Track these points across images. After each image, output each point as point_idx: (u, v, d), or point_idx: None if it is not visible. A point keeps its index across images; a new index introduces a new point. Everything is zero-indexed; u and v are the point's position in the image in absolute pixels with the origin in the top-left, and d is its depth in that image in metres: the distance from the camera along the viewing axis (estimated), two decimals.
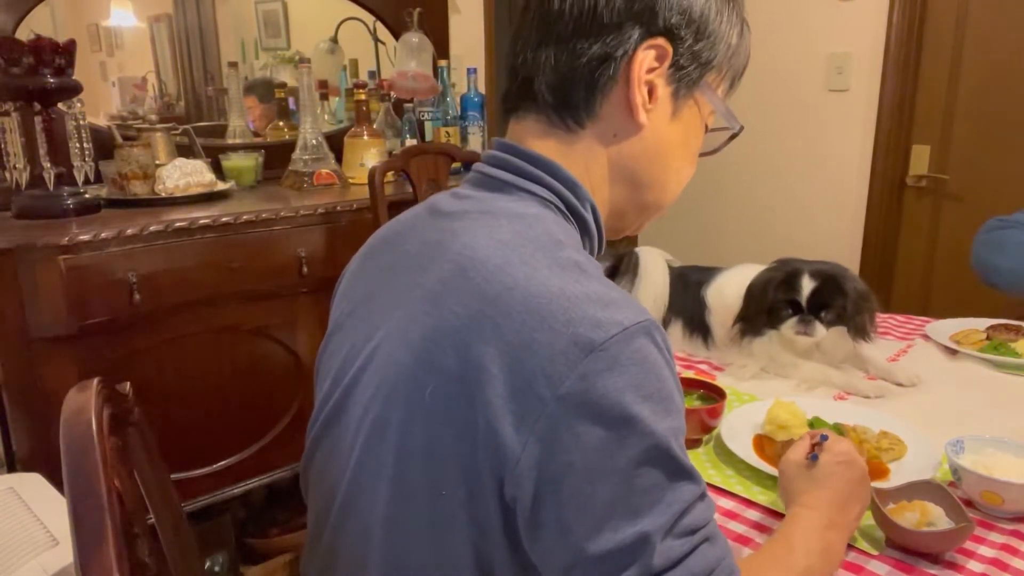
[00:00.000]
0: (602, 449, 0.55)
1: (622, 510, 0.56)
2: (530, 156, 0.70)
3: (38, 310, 1.46)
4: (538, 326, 0.56)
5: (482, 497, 0.59)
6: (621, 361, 0.55)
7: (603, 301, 0.58)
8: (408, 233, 0.75)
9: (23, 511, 1.21)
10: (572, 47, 0.68)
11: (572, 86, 0.68)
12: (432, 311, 0.62)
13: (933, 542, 0.81)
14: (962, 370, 1.33)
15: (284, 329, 1.85)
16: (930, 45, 2.53)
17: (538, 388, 0.55)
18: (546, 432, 0.55)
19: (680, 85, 0.70)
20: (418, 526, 0.63)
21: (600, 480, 0.55)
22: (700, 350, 1.42)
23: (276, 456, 1.88)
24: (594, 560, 0.56)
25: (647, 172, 0.73)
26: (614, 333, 0.55)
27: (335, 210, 1.86)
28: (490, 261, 0.62)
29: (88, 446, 0.61)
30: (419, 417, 0.61)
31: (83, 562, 0.54)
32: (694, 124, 0.74)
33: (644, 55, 0.67)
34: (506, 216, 0.67)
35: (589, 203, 0.71)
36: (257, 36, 2.47)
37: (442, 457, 0.60)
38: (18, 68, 1.56)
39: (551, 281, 0.59)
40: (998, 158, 2.44)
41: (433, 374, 0.60)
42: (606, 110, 0.69)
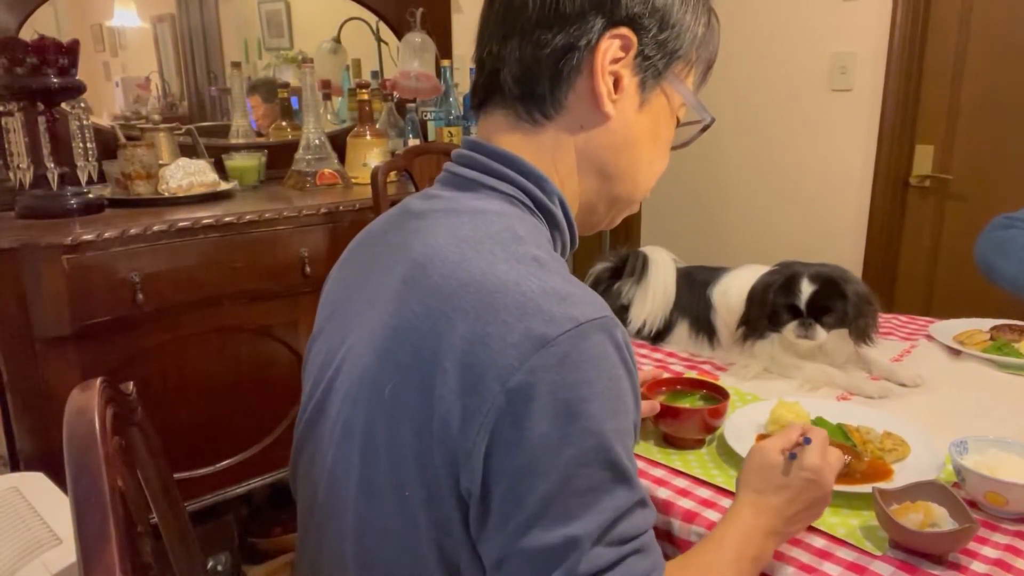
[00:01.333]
0: (544, 445, 0.55)
1: (556, 509, 0.55)
2: (496, 153, 0.70)
3: (41, 310, 1.47)
4: (491, 320, 0.56)
5: (440, 496, 0.59)
6: (572, 357, 0.55)
7: (559, 295, 0.58)
8: (380, 236, 0.76)
9: (26, 510, 1.21)
10: (536, 38, 0.67)
11: (537, 77, 0.68)
12: (394, 310, 0.63)
13: (937, 543, 0.81)
14: (966, 371, 1.33)
15: (287, 329, 1.85)
16: (934, 45, 2.53)
17: (488, 381, 0.55)
18: (494, 425, 0.55)
19: (646, 75, 0.70)
20: (385, 527, 0.63)
21: (539, 476, 0.55)
22: (705, 350, 1.42)
23: (278, 456, 1.89)
24: (523, 555, 0.56)
25: (616, 163, 0.73)
26: (567, 328, 0.55)
27: (338, 210, 1.87)
28: (448, 258, 0.62)
29: (91, 445, 0.61)
30: (380, 416, 0.61)
31: (86, 561, 0.54)
32: (664, 115, 0.73)
33: (608, 44, 0.67)
34: (469, 214, 0.67)
35: (557, 196, 0.71)
36: (260, 36, 2.47)
37: (402, 456, 0.60)
38: (22, 68, 1.56)
39: (507, 276, 0.59)
40: (1002, 158, 2.44)
41: (392, 372, 0.60)
42: (572, 101, 0.69)
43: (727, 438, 1.04)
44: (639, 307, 1.47)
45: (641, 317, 1.46)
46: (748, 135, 2.87)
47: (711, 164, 2.96)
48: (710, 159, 2.95)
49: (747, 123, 2.85)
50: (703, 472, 1.00)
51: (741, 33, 2.79)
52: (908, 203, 2.69)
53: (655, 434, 1.09)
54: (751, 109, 2.83)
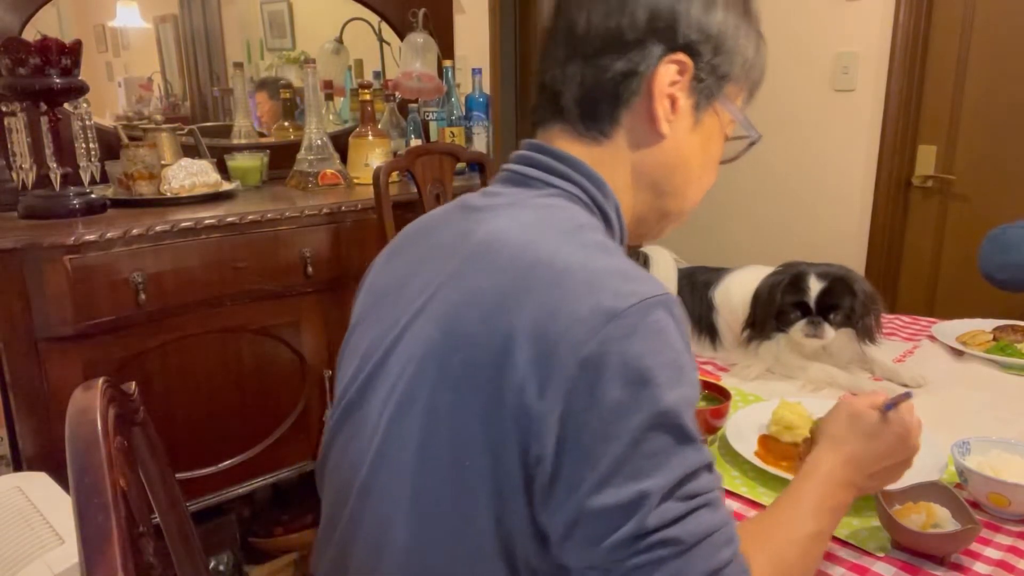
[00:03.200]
0: (616, 410, 0.57)
1: (627, 469, 0.58)
2: (558, 154, 0.74)
3: (44, 310, 1.47)
4: (562, 296, 0.60)
5: (505, 465, 0.61)
6: (639, 329, 0.58)
7: (624, 274, 0.62)
8: (438, 227, 0.78)
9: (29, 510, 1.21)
10: (597, 63, 0.72)
11: (598, 100, 0.73)
12: (459, 286, 0.66)
13: (939, 544, 0.81)
14: (968, 371, 1.32)
15: (289, 329, 1.85)
16: (936, 45, 2.52)
17: (562, 352, 0.58)
18: (567, 393, 0.58)
19: (700, 97, 0.74)
20: (443, 501, 0.64)
21: (611, 440, 0.58)
22: (707, 350, 1.42)
23: (281, 456, 1.89)
24: (594, 515, 0.58)
25: (669, 180, 0.76)
26: (633, 303, 0.59)
27: (340, 210, 1.87)
28: (515, 241, 0.66)
29: (93, 445, 0.61)
30: (447, 388, 0.63)
31: (88, 561, 0.54)
32: (714, 133, 0.77)
33: (666, 69, 0.71)
34: (531, 207, 0.71)
35: (613, 202, 0.74)
36: (263, 36, 2.48)
37: (468, 426, 0.62)
38: (24, 68, 1.56)
39: (574, 256, 0.63)
40: (1005, 158, 2.43)
41: (462, 344, 0.63)
42: (630, 121, 0.73)
43: (729, 438, 1.04)
44: None
45: None
46: None
47: None
48: None
49: None
50: None
51: None
52: (911, 203, 2.69)
53: None
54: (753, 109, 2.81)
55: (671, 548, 0.58)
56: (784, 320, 1.29)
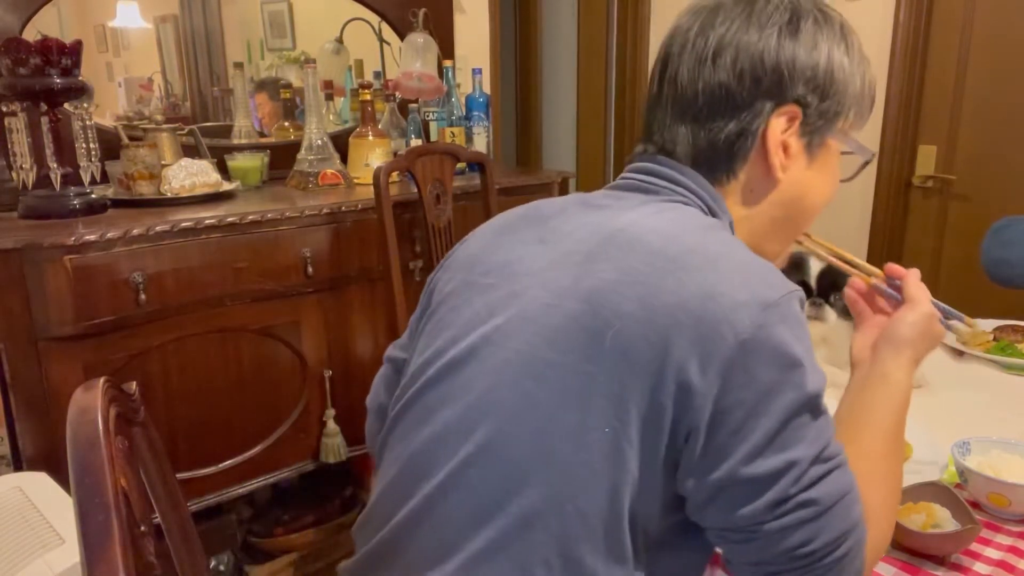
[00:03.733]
0: (770, 389, 0.62)
1: (777, 443, 0.62)
2: (679, 168, 0.77)
3: (44, 310, 1.47)
4: (719, 281, 0.64)
5: (655, 437, 0.64)
6: (790, 317, 0.64)
7: (768, 268, 0.67)
8: (557, 216, 0.79)
9: (29, 510, 1.21)
10: (708, 126, 0.75)
11: (709, 159, 0.76)
12: (607, 267, 0.68)
13: (939, 544, 0.81)
14: (968, 371, 1.33)
15: (289, 329, 1.85)
16: (937, 45, 2.52)
17: (723, 333, 0.62)
18: (726, 371, 0.61)
19: (812, 137, 0.77)
20: (590, 468, 0.65)
21: (763, 416, 0.62)
22: None
23: (281, 456, 1.89)
24: (743, 481, 0.62)
25: (785, 213, 0.80)
26: (784, 293, 0.64)
27: (340, 210, 1.87)
28: (663, 230, 0.70)
29: (94, 445, 0.61)
30: (598, 358, 0.65)
31: (89, 561, 0.54)
32: (830, 164, 0.81)
33: (776, 123, 0.74)
34: (663, 207, 0.74)
35: (728, 218, 0.77)
36: (263, 37, 2.48)
37: (621, 399, 0.64)
38: (25, 68, 1.56)
39: (721, 248, 0.68)
40: (1005, 158, 2.43)
41: (615, 320, 0.65)
42: (745, 173, 0.77)
43: None
44: None
45: None
46: None
47: None
48: None
49: None
50: None
51: None
52: (911, 204, 2.69)
53: None
54: None
55: (811, 509, 0.62)
56: None
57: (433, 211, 1.96)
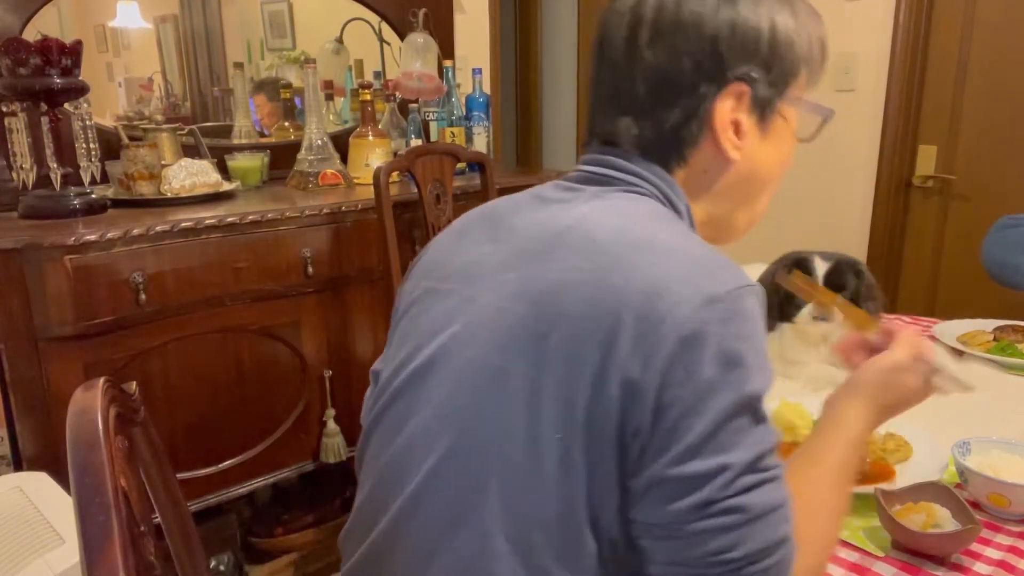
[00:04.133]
0: (709, 388, 0.60)
1: (712, 445, 0.61)
2: (627, 156, 0.74)
3: (44, 310, 1.47)
4: (663, 276, 0.62)
5: (604, 438, 0.62)
6: (736, 314, 0.62)
7: (719, 262, 0.65)
8: (512, 213, 0.78)
9: (29, 510, 1.21)
10: (652, 116, 0.73)
11: (657, 148, 0.74)
12: (553, 267, 0.67)
13: (939, 544, 0.81)
14: (969, 371, 1.32)
15: (289, 329, 1.85)
16: (937, 45, 2.52)
17: (664, 330, 0.60)
18: (666, 367, 0.60)
19: (764, 111, 0.74)
20: (542, 472, 0.64)
21: (700, 415, 0.60)
22: None
23: (281, 456, 1.89)
24: (675, 480, 0.61)
25: (744, 190, 0.78)
26: (731, 288, 0.62)
27: (340, 210, 1.87)
28: (610, 225, 0.68)
29: (94, 445, 0.61)
30: (544, 362, 0.64)
31: (89, 561, 0.54)
32: (785, 133, 0.77)
33: (721, 104, 0.71)
34: (616, 199, 0.72)
35: (684, 204, 0.75)
36: (263, 36, 2.47)
37: (571, 402, 0.63)
38: (25, 68, 1.56)
39: (672, 241, 0.66)
40: (1005, 158, 2.43)
41: (562, 323, 0.64)
42: (696, 157, 0.74)
43: None
44: None
45: None
46: None
47: None
48: None
49: None
50: None
51: None
52: (911, 204, 2.69)
53: None
54: None
55: (737, 516, 0.61)
56: (789, 307, 1.27)
57: (433, 211, 1.96)
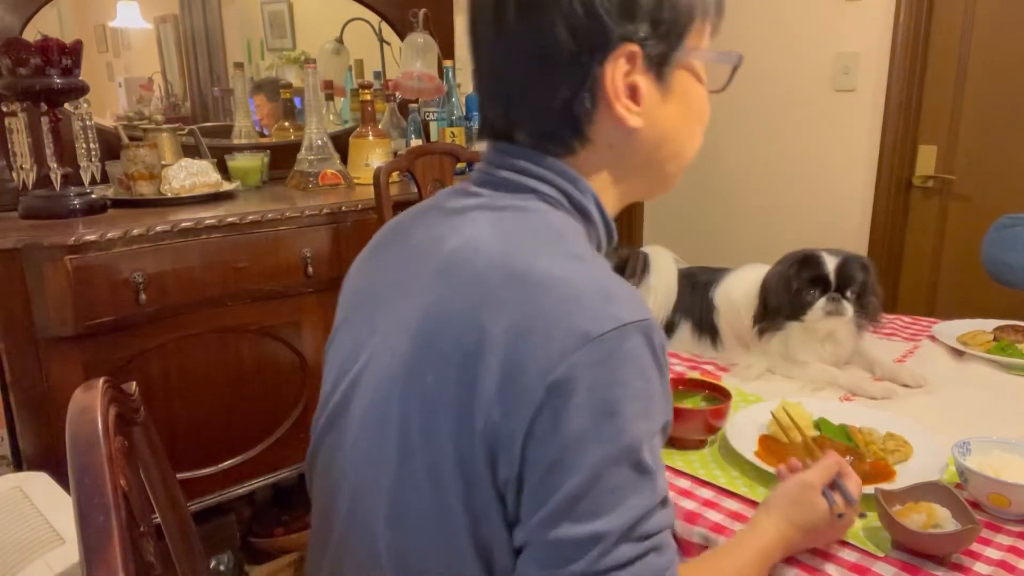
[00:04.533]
0: (579, 441, 0.55)
1: (586, 504, 0.56)
2: (528, 155, 0.69)
3: (45, 310, 1.47)
4: (536, 313, 0.57)
5: (480, 487, 0.60)
6: (613, 357, 0.56)
7: (604, 293, 0.58)
8: (413, 228, 0.75)
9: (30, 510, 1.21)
10: (538, 96, 0.66)
11: (552, 129, 0.67)
12: (434, 301, 0.63)
13: (939, 544, 0.81)
14: (969, 371, 1.32)
15: (289, 329, 1.85)
16: (937, 45, 2.52)
17: (530, 374, 0.55)
18: (532, 417, 0.56)
19: (659, 69, 0.67)
20: (421, 515, 0.63)
21: (571, 470, 0.56)
22: (708, 351, 1.42)
23: (281, 456, 1.89)
24: (549, 544, 0.57)
25: (658, 153, 0.71)
26: (610, 328, 0.56)
27: (340, 210, 1.87)
28: (490, 251, 0.62)
29: (94, 445, 0.61)
30: (418, 406, 0.61)
31: (89, 561, 0.54)
32: (690, 85, 0.70)
33: (611, 70, 0.64)
34: (508, 210, 0.67)
35: (591, 194, 0.70)
36: (263, 37, 2.48)
37: (441, 446, 0.60)
38: (25, 68, 1.56)
39: (552, 271, 0.59)
40: (1005, 158, 2.43)
41: (433, 362, 0.60)
42: (595, 132, 0.67)
43: (729, 439, 1.04)
44: None
45: None
46: (751, 135, 2.87)
47: (713, 164, 2.96)
48: (713, 159, 2.95)
49: (750, 123, 2.85)
50: (705, 473, 1.00)
51: (744, 33, 2.78)
52: (911, 204, 2.68)
53: None
54: (754, 109, 2.83)
55: None
56: (799, 303, 1.26)
57: None
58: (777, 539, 0.78)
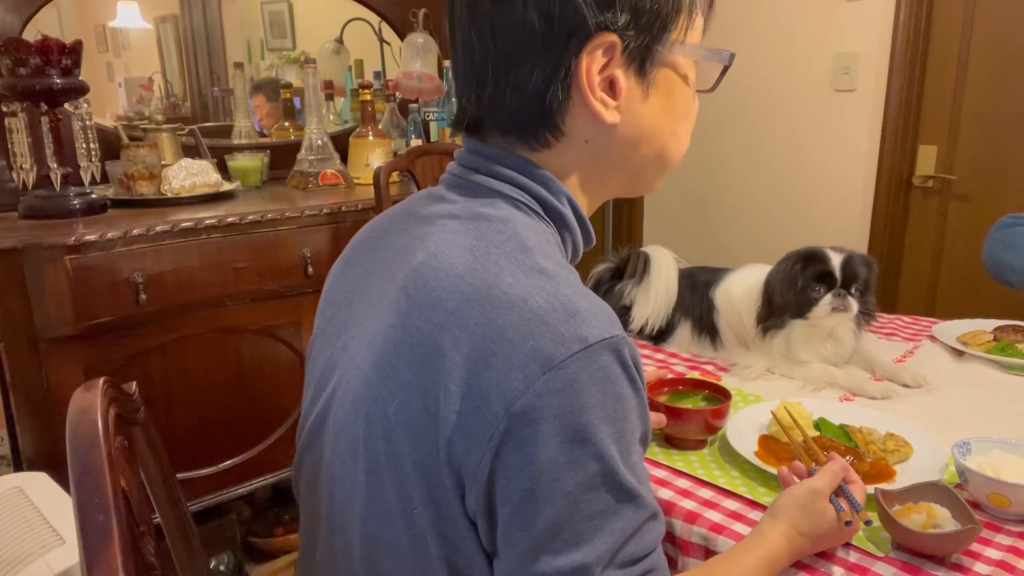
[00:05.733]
0: (550, 471, 0.53)
1: (565, 534, 0.54)
2: (498, 157, 0.67)
3: (44, 310, 1.47)
4: (497, 339, 0.54)
5: (449, 515, 0.58)
6: (580, 380, 0.53)
7: (568, 311, 0.55)
8: (383, 237, 0.73)
9: (30, 510, 1.21)
10: (510, 83, 0.63)
11: (525, 119, 0.65)
12: (395, 323, 0.61)
13: (939, 544, 0.81)
14: (969, 371, 1.32)
15: (289, 329, 1.85)
16: (937, 45, 2.52)
17: (492, 404, 0.53)
18: (497, 448, 0.54)
19: (641, 63, 0.64)
20: (393, 543, 0.62)
21: (545, 501, 0.54)
22: (708, 351, 1.42)
23: (281, 456, 1.89)
24: None
25: (637, 153, 0.68)
26: (576, 351, 0.53)
27: (340, 210, 1.87)
28: (452, 269, 0.59)
29: (94, 445, 0.61)
30: (383, 432, 0.59)
31: (89, 561, 0.54)
32: (675, 84, 0.67)
33: (588, 61, 0.61)
34: (473, 220, 0.64)
35: (565, 196, 0.68)
36: (263, 37, 2.48)
37: (407, 475, 0.58)
38: (25, 68, 1.56)
39: (514, 290, 0.56)
40: (1005, 158, 2.43)
41: (395, 390, 0.59)
42: (570, 125, 0.65)
43: (729, 439, 1.04)
44: (641, 307, 1.47)
45: (643, 317, 1.46)
46: (751, 135, 2.87)
47: (713, 164, 2.96)
48: (712, 159, 2.95)
49: (750, 123, 2.85)
50: (705, 473, 1.00)
51: (744, 33, 2.78)
52: (911, 203, 2.68)
53: (657, 435, 1.09)
54: (754, 109, 2.83)
55: None
56: (805, 300, 1.26)
57: None
58: (785, 547, 0.77)
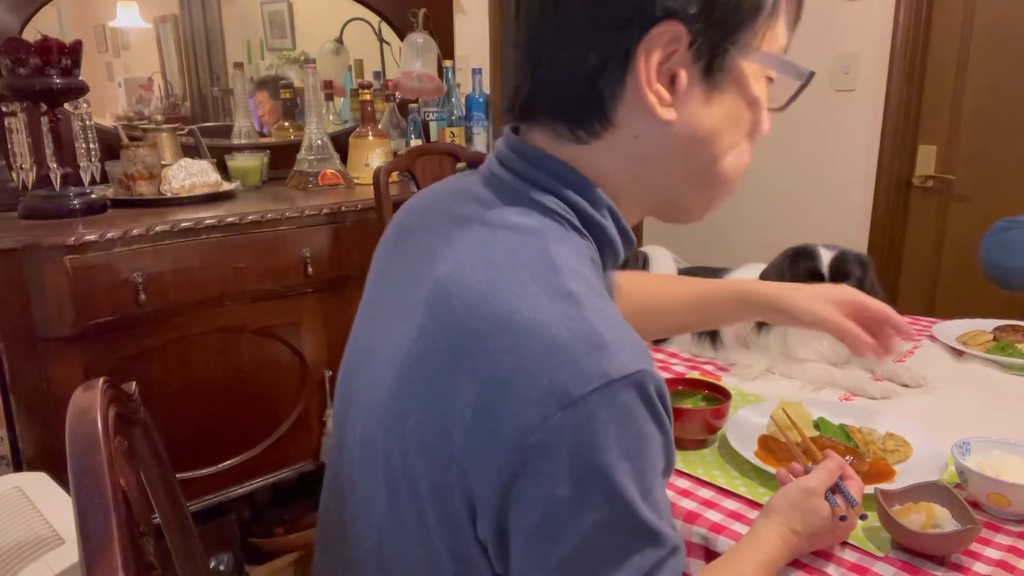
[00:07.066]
0: (564, 509, 0.52)
1: (580, 572, 0.53)
2: (537, 158, 0.64)
3: (44, 310, 1.47)
4: (514, 368, 0.52)
5: (462, 534, 0.57)
6: (600, 417, 0.51)
7: (592, 343, 0.52)
8: (424, 224, 0.70)
9: (29, 510, 1.21)
10: (566, 63, 0.60)
11: (576, 104, 0.61)
12: (417, 336, 0.58)
13: (939, 544, 0.81)
14: (969, 371, 1.32)
15: (289, 329, 1.85)
16: (937, 45, 2.52)
17: (506, 437, 0.51)
18: (509, 482, 0.52)
19: (708, 63, 0.59)
20: (408, 557, 0.61)
21: (558, 539, 0.52)
22: (707, 351, 1.42)
23: (281, 456, 1.89)
24: None
25: (689, 164, 0.64)
26: (596, 386, 0.50)
27: (340, 210, 1.87)
28: (475, 287, 0.56)
29: (94, 445, 0.61)
30: (399, 447, 0.58)
31: (89, 561, 0.54)
32: (743, 95, 0.63)
33: (648, 48, 0.57)
34: (504, 230, 0.60)
35: (605, 207, 0.64)
36: (263, 37, 2.48)
37: (423, 491, 0.57)
38: (25, 69, 1.56)
39: (536, 315, 0.53)
40: (1005, 158, 2.43)
41: (413, 407, 0.57)
42: (623, 116, 0.61)
43: (729, 439, 1.04)
44: None
45: None
46: None
47: None
48: None
49: None
50: (705, 473, 1.00)
51: None
52: (911, 204, 2.68)
53: None
54: None
55: None
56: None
57: None
58: (781, 547, 0.77)
